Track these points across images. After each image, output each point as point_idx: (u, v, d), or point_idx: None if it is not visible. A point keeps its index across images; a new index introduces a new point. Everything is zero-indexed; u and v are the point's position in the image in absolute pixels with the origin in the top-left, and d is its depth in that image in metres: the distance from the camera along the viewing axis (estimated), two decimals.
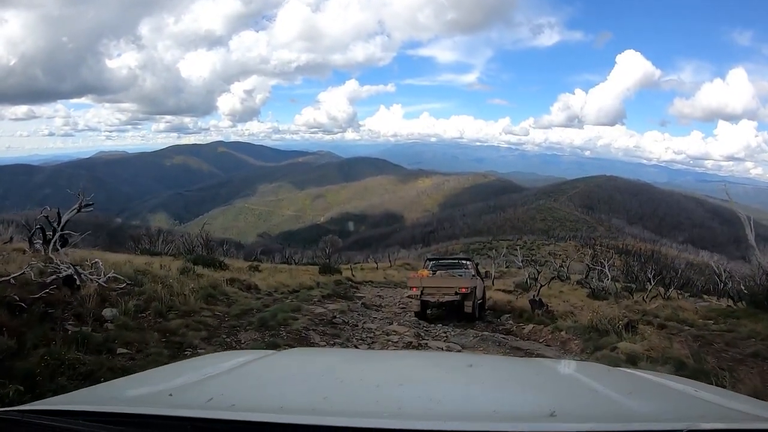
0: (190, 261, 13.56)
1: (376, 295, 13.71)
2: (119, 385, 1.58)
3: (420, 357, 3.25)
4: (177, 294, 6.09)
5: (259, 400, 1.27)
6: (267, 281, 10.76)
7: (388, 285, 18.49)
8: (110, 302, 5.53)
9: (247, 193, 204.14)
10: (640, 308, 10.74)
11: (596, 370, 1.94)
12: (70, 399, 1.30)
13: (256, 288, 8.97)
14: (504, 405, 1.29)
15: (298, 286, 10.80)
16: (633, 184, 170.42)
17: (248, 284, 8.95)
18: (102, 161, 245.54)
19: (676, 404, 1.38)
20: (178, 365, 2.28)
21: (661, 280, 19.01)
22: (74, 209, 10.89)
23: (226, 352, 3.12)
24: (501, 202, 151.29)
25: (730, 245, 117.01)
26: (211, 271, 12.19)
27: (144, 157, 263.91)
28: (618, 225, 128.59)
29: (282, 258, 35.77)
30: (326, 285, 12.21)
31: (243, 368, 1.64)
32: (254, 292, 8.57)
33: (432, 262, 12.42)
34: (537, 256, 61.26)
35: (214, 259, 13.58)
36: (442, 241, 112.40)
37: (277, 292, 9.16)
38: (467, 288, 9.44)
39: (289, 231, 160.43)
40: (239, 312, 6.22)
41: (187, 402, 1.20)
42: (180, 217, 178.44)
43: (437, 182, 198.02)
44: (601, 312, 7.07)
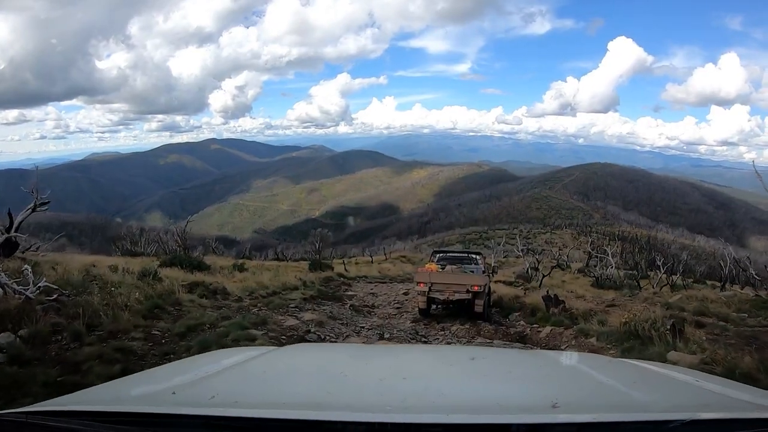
0: (164, 262, 12.46)
1: (368, 293, 12.59)
2: (122, 384, 1.58)
3: (423, 350, 3.23)
4: (113, 307, 4.94)
5: (263, 396, 1.27)
6: (246, 282, 9.57)
7: (382, 280, 17.46)
8: (31, 320, 4.42)
9: (241, 189, 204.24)
10: (660, 300, 9.73)
11: (598, 361, 2.01)
12: (74, 399, 1.29)
13: (224, 293, 7.60)
14: (507, 397, 1.31)
15: (280, 287, 9.65)
16: (628, 170, 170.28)
17: (215, 288, 7.65)
18: (96, 163, 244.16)
19: (678, 394, 1.39)
20: (180, 363, 2.21)
21: (669, 268, 17.98)
22: (28, 209, 9.85)
23: (228, 349, 2.91)
24: (496, 192, 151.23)
25: (726, 229, 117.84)
26: (185, 272, 11.09)
27: (137, 157, 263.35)
28: (614, 212, 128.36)
29: (275, 254, 34.73)
30: (313, 284, 11.13)
31: (245, 365, 1.64)
32: (219, 299, 7.24)
33: (439, 255, 11.72)
34: (534, 245, 60.44)
35: (193, 259, 12.43)
36: (438, 232, 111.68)
37: (251, 297, 7.83)
38: (480, 286, 8.73)
39: (284, 226, 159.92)
40: (184, 329, 4.86)
41: (190, 400, 1.20)
42: (176, 215, 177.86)
43: (432, 173, 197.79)
44: (638, 312, 5.90)
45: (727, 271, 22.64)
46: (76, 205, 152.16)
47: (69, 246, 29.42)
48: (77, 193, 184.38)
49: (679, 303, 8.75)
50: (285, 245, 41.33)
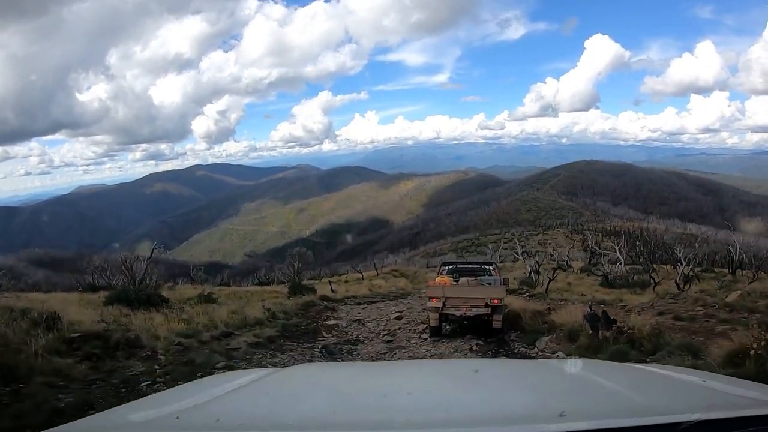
0: (110, 298, 10.47)
1: (354, 320, 10.68)
2: (125, 410, 1.54)
3: (426, 365, 3.18)
4: None
5: (268, 418, 1.26)
6: (195, 321, 7.60)
7: (373, 299, 15.57)
8: None
9: (230, 213, 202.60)
10: (714, 300, 7.95)
11: (603, 367, 1.99)
12: (79, 426, 1.28)
13: (134, 346, 5.24)
14: (513, 408, 1.30)
15: (239, 323, 7.73)
16: (613, 165, 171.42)
17: (124, 340, 5.28)
18: (82, 196, 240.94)
19: (685, 395, 1.37)
20: (184, 387, 2.11)
21: (691, 260, 16.32)
22: None
23: (231, 372, 2.81)
24: (484, 197, 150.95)
25: (716, 215, 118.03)
26: (131, 310, 9.14)
27: (124, 188, 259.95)
28: (603, 207, 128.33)
29: (263, 277, 32.61)
30: (286, 314, 9.20)
31: (249, 387, 1.62)
32: (119, 358, 4.98)
33: (449, 267, 10.92)
34: (528, 247, 59.05)
35: (145, 293, 10.37)
36: (429, 242, 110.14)
37: (180, 347, 5.66)
38: (500, 299, 8.09)
39: (275, 247, 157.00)
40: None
41: (194, 424, 1.19)
42: (166, 244, 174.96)
43: (419, 184, 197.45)
44: (752, 337, 3.86)
45: (737, 258, 21.39)
46: (64, 240, 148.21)
47: (46, 284, 27.04)
48: (65, 228, 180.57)
49: (741, 302, 6.99)
50: (266, 269, 39.21)
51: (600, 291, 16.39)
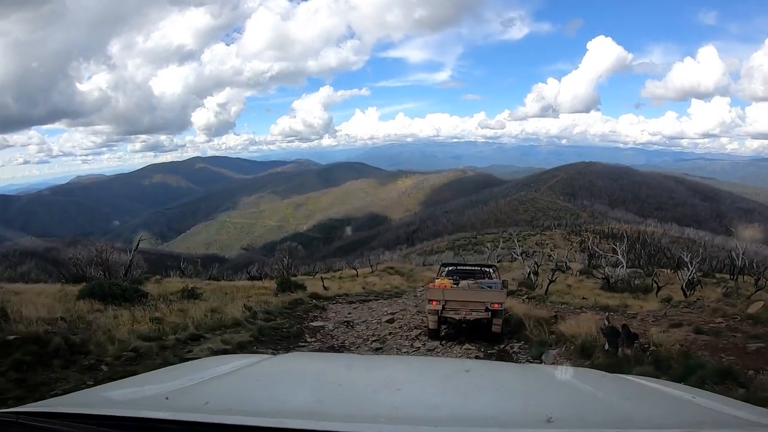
0: (83, 291, 9.80)
1: (343, 321, 9.94)
2: (115, 388, 1.57)
3: (417, 362, 3.05)
4: None
5: (256, 403, 1.27)
6: (167, 320, 6.93)
7: (366, 298, 14.92)
8: None
9: (228, 206, 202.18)
10: (733, 311, 7.35)
11: (594, 376, 1.98)
12: (66, 401, 1.29)
13: (75, 352, 4.38)
14: (501, 410, 1.30)
15: (215, 324, 7.10)
16: (612, 168, 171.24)
17: (56, 347, 4.42)
18: (80, 186, 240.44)
19: (674, 410, 1.37)
20: (175, 368, 2.11)
21: (699, 265, 15.71)
22: None
23: (223, 356, 2.73)
24: (482, 197, 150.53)
25: (713, 221, 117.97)
26: (100, 305, 8.49)
27: (122, 179, 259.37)
28: (601, 210, 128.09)
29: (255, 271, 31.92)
30: (269, 313, 8.56)
31: (240, 372, 1.63)
32: (40, 372, 4.21)
33: (449, 269, 10.83)
34: (525, 247, 58.51)
35: (119, 287, 9.67)
36: (426, 240, 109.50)
37: (136, 354, 4.90)
38: (500, 303, 7.99)
39: (272, 241, 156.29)
40: None
41: (183, 405, 1.19)
42: (163, 235, 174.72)
43: (417, 181, 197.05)
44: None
45: (740, 264, 20.97)
46: (61, 230, 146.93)
47: (36, 274, 26.25)
48: (62, 217, 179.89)
49: (765, 314, 6.39)
50: (258, 263, 38.57)
51: (602, 295, 15.80)
